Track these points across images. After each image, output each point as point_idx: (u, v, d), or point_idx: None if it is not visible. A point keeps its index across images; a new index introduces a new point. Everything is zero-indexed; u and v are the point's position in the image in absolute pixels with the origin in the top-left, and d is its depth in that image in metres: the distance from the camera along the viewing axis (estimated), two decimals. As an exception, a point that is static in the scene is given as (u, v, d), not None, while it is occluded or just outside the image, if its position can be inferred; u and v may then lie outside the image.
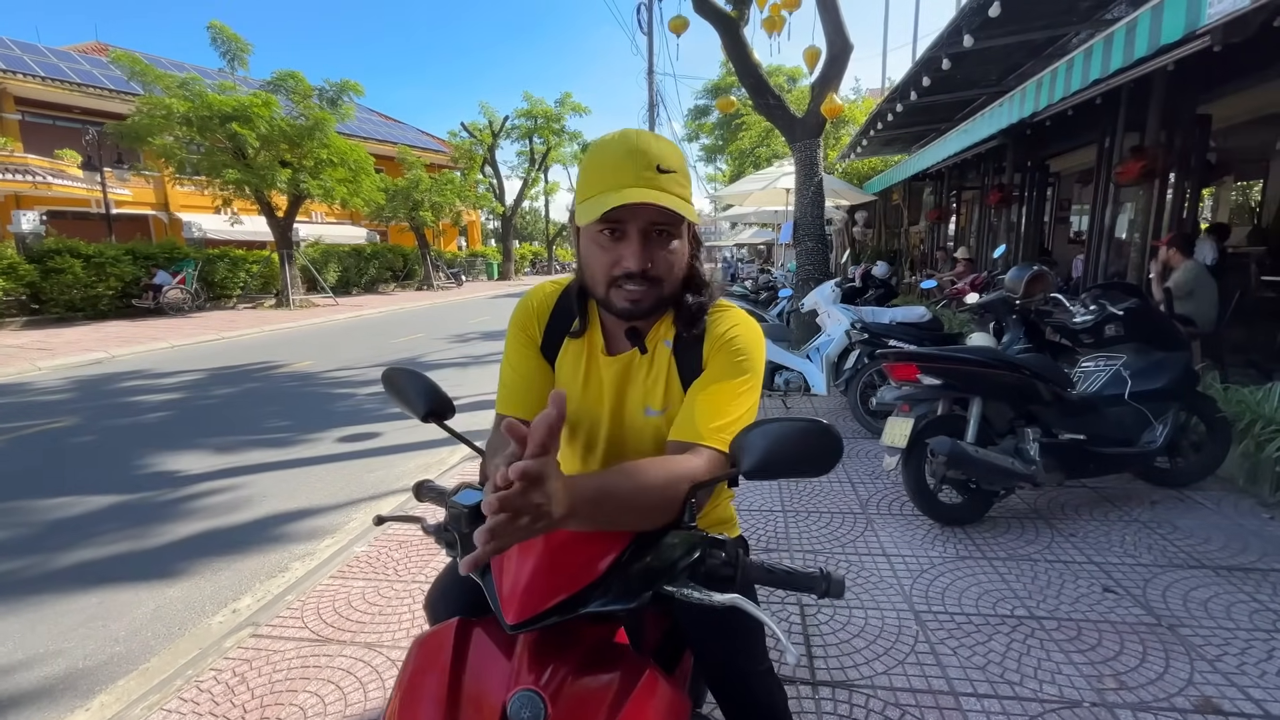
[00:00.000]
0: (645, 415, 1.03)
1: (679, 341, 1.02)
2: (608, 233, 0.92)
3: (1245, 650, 2.04)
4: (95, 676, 2.14)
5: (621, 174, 0.88)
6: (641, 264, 0.91)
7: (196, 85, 13.25)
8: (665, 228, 0.92)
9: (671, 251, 0.94)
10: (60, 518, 3.45)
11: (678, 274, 0.97)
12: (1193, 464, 3.37)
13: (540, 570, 0.75)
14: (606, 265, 0.93)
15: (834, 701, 1.86)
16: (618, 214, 0.88)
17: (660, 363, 1.03)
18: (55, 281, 12.27)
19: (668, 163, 0.90)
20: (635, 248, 0.91)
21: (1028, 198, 9.03)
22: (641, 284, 0.92)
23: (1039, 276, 3.73)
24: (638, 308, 0.94)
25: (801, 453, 0.78)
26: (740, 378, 0.98)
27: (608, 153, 0.90)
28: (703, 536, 0.83)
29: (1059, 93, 4.17)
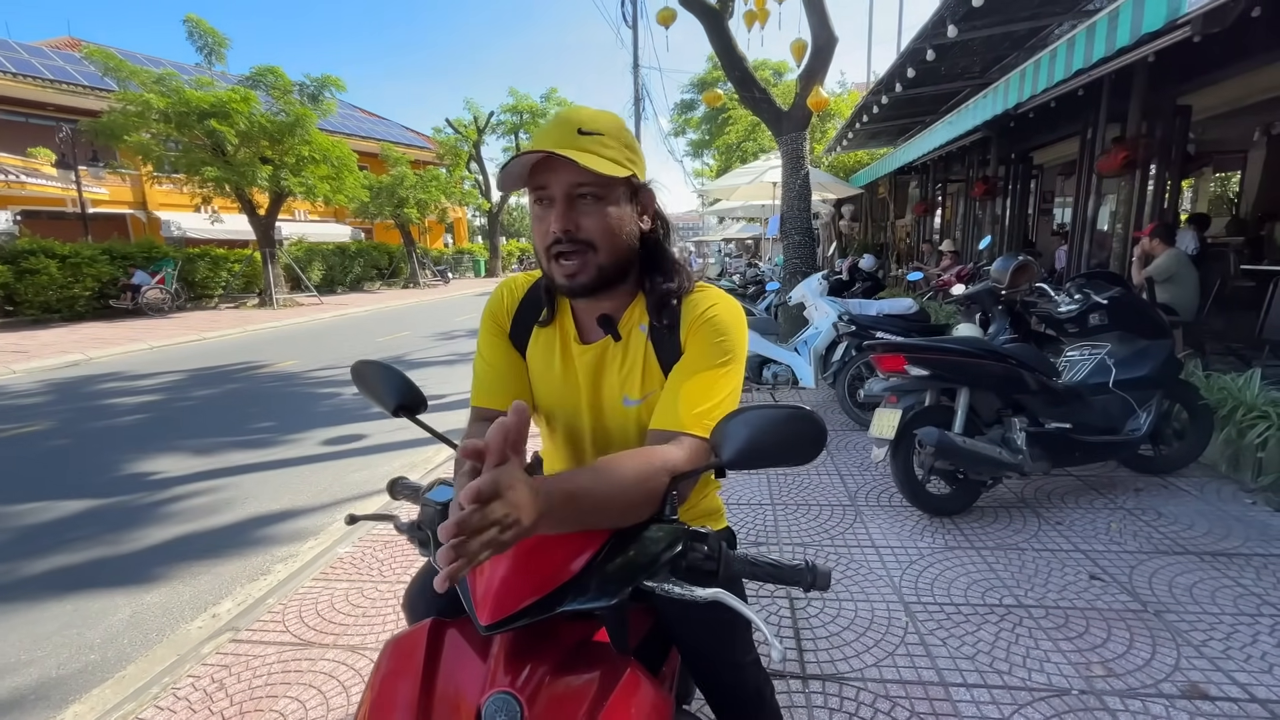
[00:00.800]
0: (624, 405, 1.00)
1: (654, 328, 0.99)
2: (540, 203, 0.91)
3: (1230, 635, 2.05)
4: (69, 686, 2.08)
5: (544, 136, 0.88)
6: (564, 225, 0.88)
7: (173, 81, 12.98)
8: (590, 190, 0.89)
9: (603, 215, 0.90)
10: (34, 523, 3.36)
11: (616, 241, 0.92)
12: (1176, 451, 3.40)
13: (515, 569, 0.72)
14: (542, 235, 0.92)
15: (824, 695, 1.84)
16: (542, 180, 0.88)
17: (636, 349, 1.00)
18: (30, 283, 12.00)
19: (591, 126, 0.88)
20: (559, 210, 0.89)
21: (1011, 190, 9.11)
22: (570, 249, 0.89)
23: (1024, 267, 3.75)
24: (575, 281, 0.91)
25: (784, 441, 0.76)
26: (720, 359, 0.94)
27: (542, 126, 0.92)
28: (684, 530, 0.81)
29: (1042, 83, 4.19)
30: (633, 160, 0.93)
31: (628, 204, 0.94)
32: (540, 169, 0.88)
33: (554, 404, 1.05)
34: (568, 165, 0.85)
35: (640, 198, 0.97)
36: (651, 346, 0.99)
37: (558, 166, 0.87)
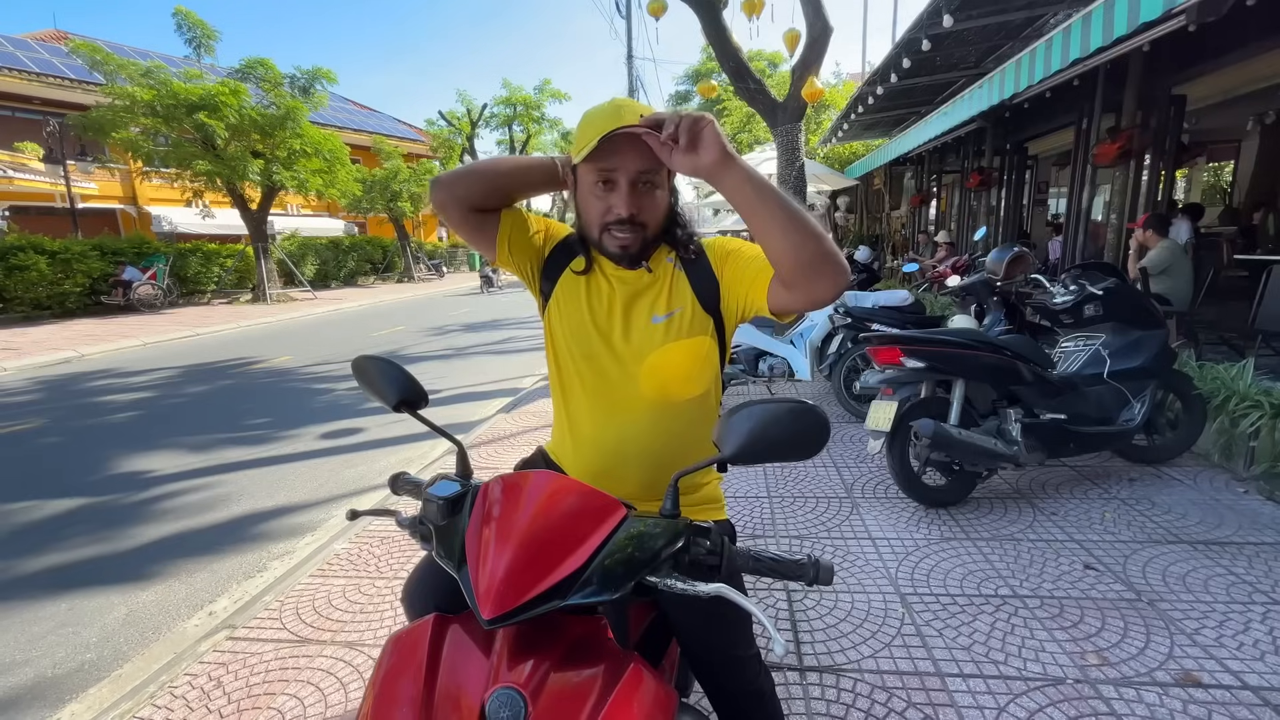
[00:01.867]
0: (651, 323, 1.10)
1: (684, 260, 1.14)
2: (601, 184, 1.03)
3: (1223, 623, 2.07)
4: (65, 685, 2.07)
5: (615, 119, 0.96)
6: (630, 209, 1.02)
7: (161, 74, 12.82)
8: (650, 177, 1.03)
9: (655, 201, 1.05)
10: (27, 522, 3.34)
11: (660, 220, 1.08)
12: (1170, 441, 3.42)
13: (518, 563, 0.72)
14: (600, 212, 1.04)
15: (821, 687, 1.85)
16: (608, 164, 1.00)
17: (664, 277, 1.13)
18: (19, 279, 11.88)
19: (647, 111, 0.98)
20: (624, 195, 1.02)
21: (1007, 181, 9.10)
22: (629, 229, 1.03)
23: (1020, 258, 3.75)
24: (626, 252, 1.06)
25: (788, 435, 0.76)
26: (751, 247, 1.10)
27: (600, 109, 1.01)
28: (686, 524, 0.81)
29: (1038, 73, 4.17)
30: None
31: (667, 186, 1.09)
32: (607, 153, 0.97)
33: (580, 327, 1.13)
34: (635, 152, 0.98)
35: (673, 179, 1.12)
36: (681, 273, 1.13)
37: (626, 151, 0.98)
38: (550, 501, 0.80)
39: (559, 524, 0.77)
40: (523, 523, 0.76)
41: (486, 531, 0.77)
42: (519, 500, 0.80)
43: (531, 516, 0.77)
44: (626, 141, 0.96)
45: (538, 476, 0.84)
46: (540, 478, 0.84)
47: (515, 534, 0.75)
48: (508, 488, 0.82)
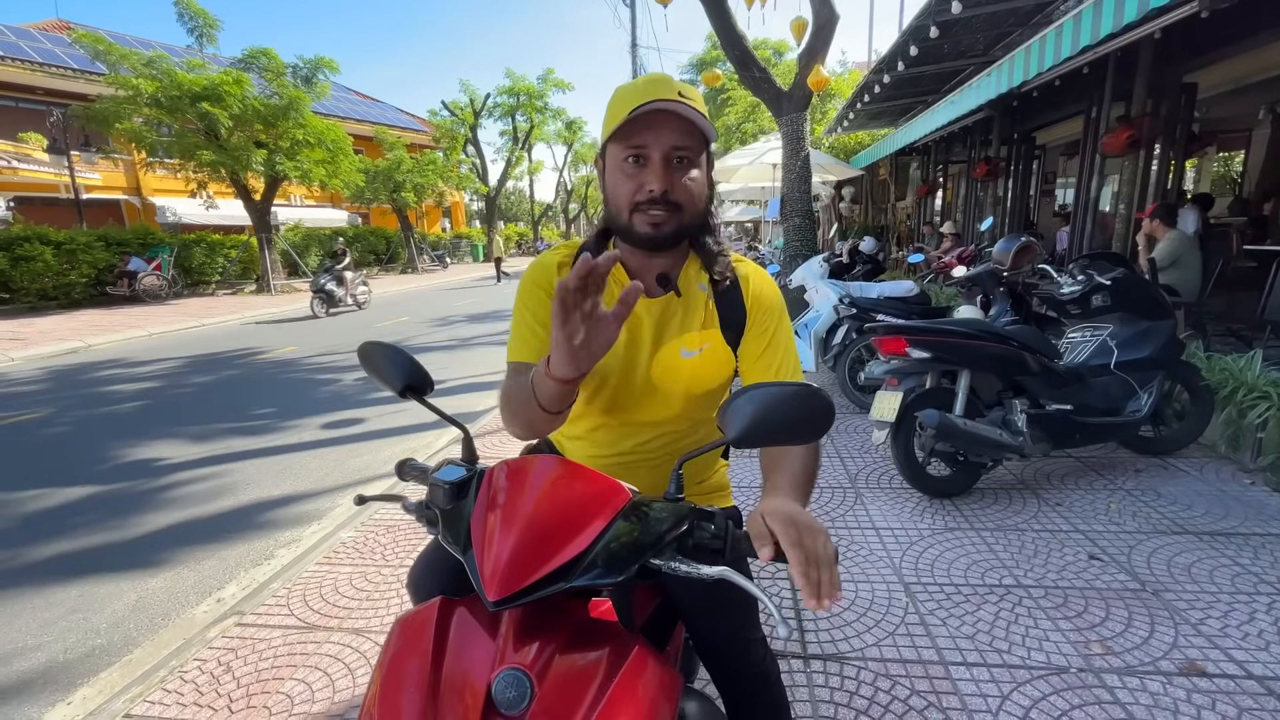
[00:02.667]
0: (682, 357, 1.04)
1: (715, 284, 1.07)
2: (632, 160, 0.95)
3: (1228, 613, 2.07)
4: (76, 670, 2.10)
5: (649, 92, 0.91)
6: (664, 185, 0.93)
7: (164, 64, 12.78)
8: (686, 154, 0.95)
9: (692, 179, 0.97)
10: (36, 510, 3.37)
11: (698, 204, 0.99)
12: (1176, 432, 3.41)
13: (523, 546, 0.72)
14: (631, 191, 0.96)
15: (825, 674, 1.86)
16: (641, 139, 0.93)
17: (696, 305, 1.06)
18: (25, 269, 11.92)
19: (689, 92, 0.94)
20: (658, 170, 0.94)
21: (1014, 171, 9.02)
22: (663, 209, 0.95)
23: (1027, 247, 3.72)
24: (659, 232, 0.96)
25: (792, 418, 0.75)
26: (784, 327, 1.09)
27: (633, 84, 0.96)
28: (690, 508, 0.81)
29: (1048, 61, 4.12)
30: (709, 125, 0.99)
31: (705, 171, 1.01)
32: (639, 127, 0.92)
33: (608, 360, 1.03)
34: (669, 126, 0.92)
35: (709, 164, 1.03)
36: (714, 306, 1.06)
37: (659, 126, 0.92)
38: (555, 485, 0.80)
39: (563, 507, 0.77)
40: (527, 506, 0.77)
41: (491, 515, 0.77)
42: (524, 484, 0.80)
43: (536, 500, 0.78)
44: (661, 116, 0.91)
45: (542, 461, 0.84)
46: (545, 462, 0.84)
47: (520, 517, 0.75)
48: (513, 472, 0.83)
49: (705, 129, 0.95)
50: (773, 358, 1.05)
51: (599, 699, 0.69)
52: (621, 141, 0.95)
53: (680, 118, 0.92)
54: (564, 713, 0.67)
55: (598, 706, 0.68)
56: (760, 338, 1.06)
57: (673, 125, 0.92)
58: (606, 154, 0.99)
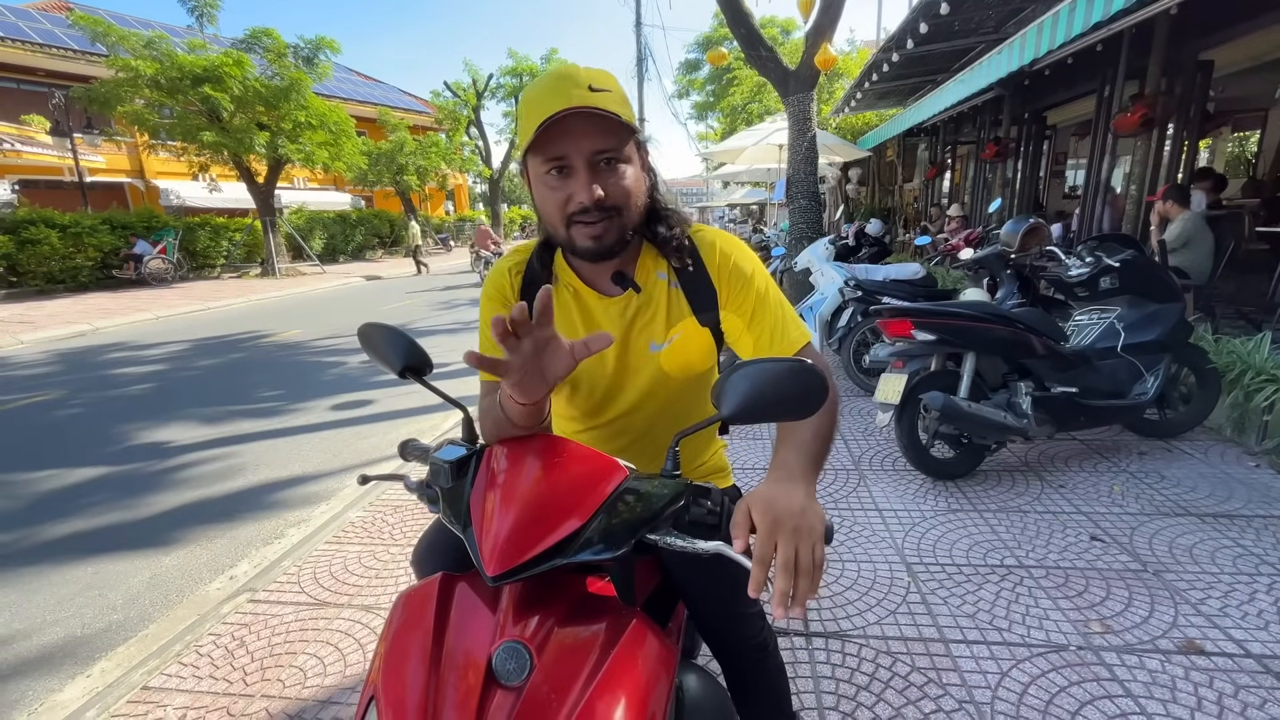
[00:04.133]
0: (650, 351, 1.01)
1: (680, 273, 1.01)
2: (554, 172, 0.88)
3: (1228, 593, 2.08)
4: (94, 644, 2.15)
5: (555, 97, 0.84)
6: (592, 195, 0.87)
7: (164, 44, 12.69)
8: (610, 154, 0.88)
9: (623, 177, 0.90)
10: (50, 489, 3.43)
11: (636, 201, 0.93)
12: (1182, 415, 3.40)
13: (521, 522, 0.73)
14: (559, 204, 0.89)
15: (827, 651, 1.89)
16: (559, 149, 0.86)
17: (659, 298, 1.02)
18: (32, 253, 11.97)
19: (600, 83, 0.86)
20: (583, 178, 0.87)
21: (1024, 152, 8.90)
22: (599, 216, 0.88)
23: (1035, 229, 3.69)
24: (601, 244, 0.91)
25: (785, 394, 0.76)
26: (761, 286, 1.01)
27: (538, 86, 0.88)
28: (687, 484, 0.82)
29: (1060, 37, 4.04)
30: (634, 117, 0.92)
31: (638, 162, 0.94)
32: (554, 136, 0.84)
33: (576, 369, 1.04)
34: (587, 131, 0.84)
35: (644, 155, 0.96)
36: (679, 291, 1.02)
37: (575, 133, 0.84)
38: (553, 463, 0.82)
39: (561, 484, 0.79)
40: (526, 484, 0.78)
41: (491, 493, 0.79)
42: (523, 462, 0.82)
43: (535, 478, 0.79)
44: (575, 120, 0.83)
45: (541, 439, 0.86)
46: (543, 440, 0.85)
47: (519, 494, 0.76)
48: (512, 451, 0.84)
49: (627, 121, 0.87)
50: (763, 321, 1.00)
51: (597, 670, 0.71)
52: (539, 154, 0.87)
53: (596, 116, 0.84)
54: (563, 683, 0.69)
55: (596, 677, 0.70)
56: (742, 307, 1.00)
57: (590, 128, 0.85)
58: (528, 165, 0.91)
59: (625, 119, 0.86)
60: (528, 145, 0.87)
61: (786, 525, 0.69)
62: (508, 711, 0.66)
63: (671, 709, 0.77)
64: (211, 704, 1.78)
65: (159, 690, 1.85)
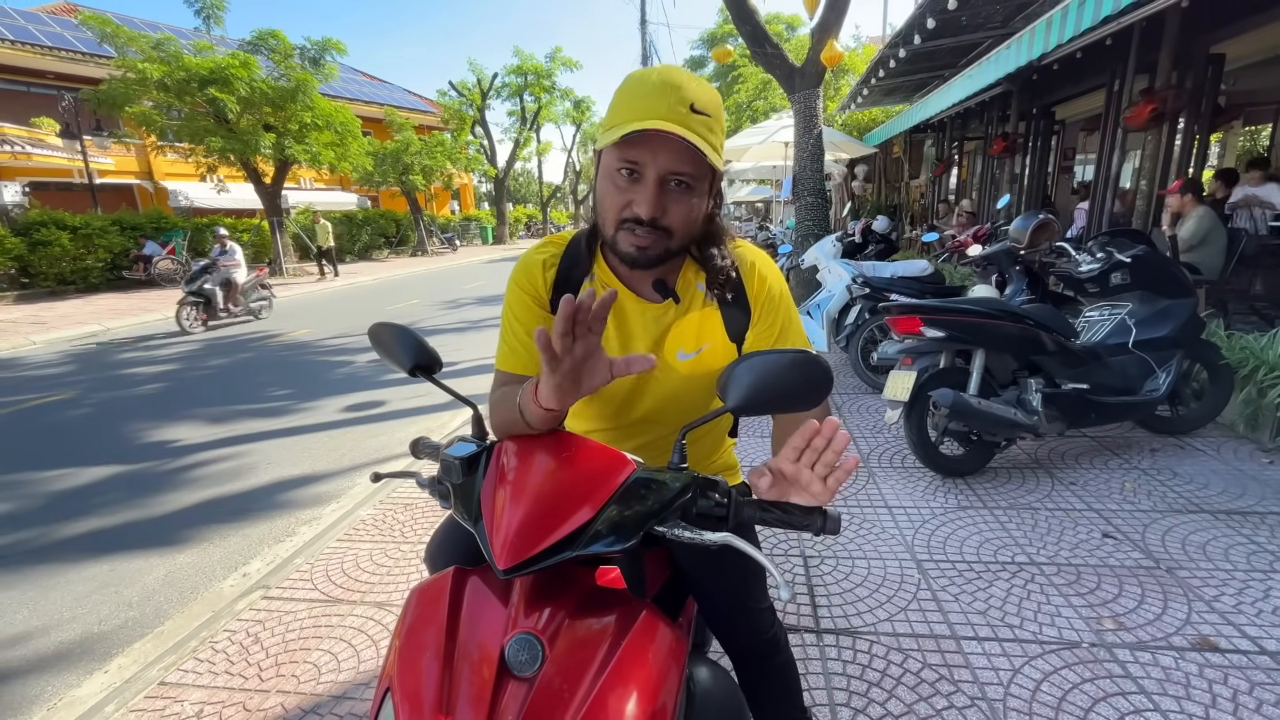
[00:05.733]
0: (677, 359, 1.01)
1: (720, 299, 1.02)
2: (625, 173, 0.87)
3: (1242, 590, 2.07)
4: (111, 640, 2.18)
5: (653, 103, 0.83)
6: (652, 212, 0.86)
7: (172, 46, 12.75)
8: (685, 179, 0.86)
9: (689, 206, 0.89)
10: (64, 489, 3.47)
11: (690, 230, 0.92)
12: (1194, 411, 3.37)
13: (531, 516, 0.75)
14: (618, 206, 0.89)
15: (838, 648, 1.89)
16: (638, 155, 0.85)
17: (695, 309, 1.02)
18: (43, 254, 12.08)
19: (704, 105, 0.85)
20: (650, 193, 0.86)
21: (1032, 147, 8.83)
22: (650, 233, 0.88)
23: (1045, 225, 3.67)
24: (643, 255, 0.90)
25: (789, 385, 0.76)
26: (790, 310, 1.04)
27: (643, 83, 0.86)
28: (694, 476, 0.83)
29: (1069, 32, 4.01)
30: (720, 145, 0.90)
31: (708, 192, 0.93)
32: (635, 140, 0.83)
33: None
34: (668, 148, 0.83)
35: (715, 184, 0.95)
36: (715, 309, 1.02)
37: (657, 146, 0.83)
38: (562, 458, 0.83)
39: (570, 478, 0.80)
40: (536, 478, 0.79)
41: (501, 488, 0.80)
42: (532, 457, 0.83)
43: (544, 472, 0.80)
44: (664, 134, 0.82)
45: (550, 436, 0.87)
46: (553, 437, 0.87)
47: (529, 489, 0.77)
48: (521, 447, 0.85)
49: (711, 161, 0.85)
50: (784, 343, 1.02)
51: (608, 660, 0.71)
52: (617, 150, 0.86)
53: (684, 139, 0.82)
54: (574, 674, 0.70)
55: (607, 667, 0.70)
56: (768, 332, 1.02)
57: (675, 147, 0.83)
58: (603, 154, 0.90)
59: (710, 159, 0.85)
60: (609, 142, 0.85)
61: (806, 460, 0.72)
62: (520, 702, 0.67)
63: (682, 699, 0.78)
64: (228, 699, 1.80)
65: (176, 686, 1.87)
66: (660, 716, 0.70)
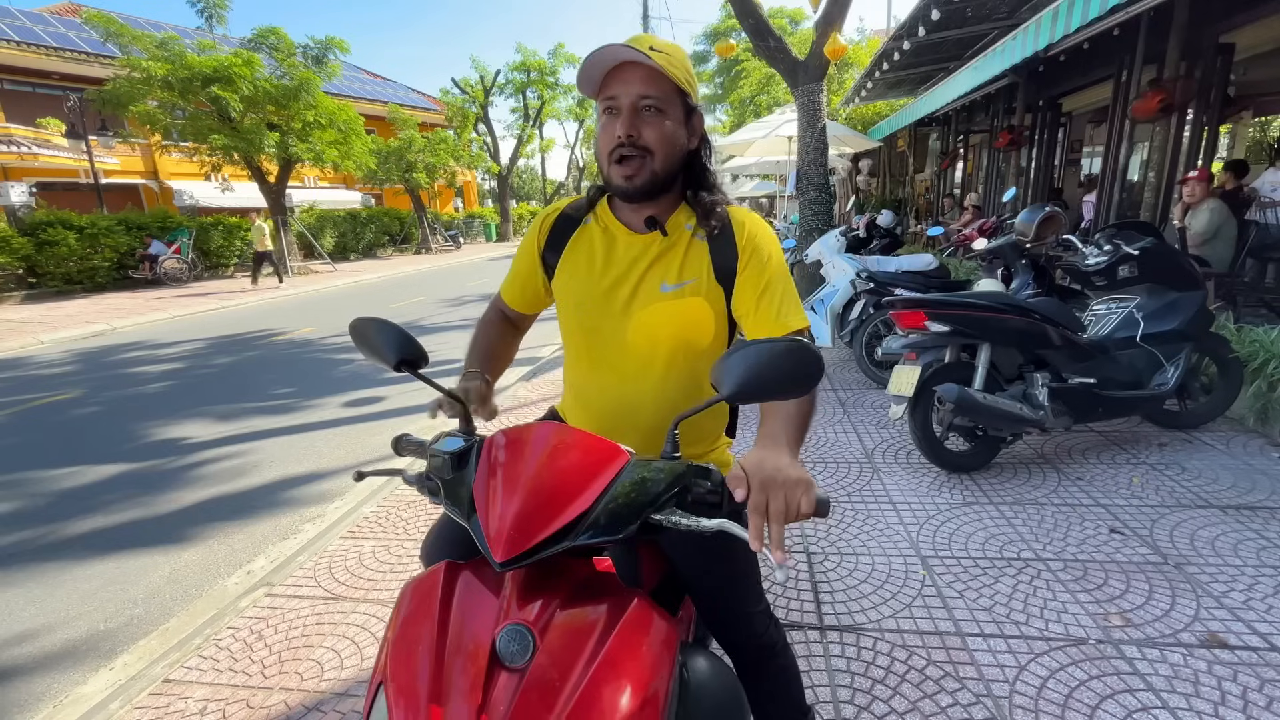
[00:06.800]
0: (661, 290, 1.08)
1: (709, 235, 1.09)
2: (607, 112, 1.01)
3: (1252, 586, 2.05)
4: (117, 638, 2.19)
5: (617, 47, 0.96)
6: (629, 130, 0.98)
7: (175, 45, 12.77)
8: (653, 102, 0.99)
9: (661, 128, 1.00)
10: (71, 487, 3.49)
11: (670, 151, 1.02)
12: (1203, 406, 3.34)
13: (526, 508, 0.74)
14: (606, 144, 1.02)
15: (842, 645, 1.88)
16: (612, 90, 0.99)
17: (680, 244, 1.09)
18: (50, 254, 12.14)
19: (661, 45, 0.99)
20: (626, 118, 0.98)
21: (1038, 140, 8.75)
22: (633, 155, 0.99)
23: (1051, 217, 3.63)
24: (631, 183, 1.01)
25: (782, 373, 0.76)
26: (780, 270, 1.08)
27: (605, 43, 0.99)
28: (687, 465, 0.83)
29: (1075, 22, 3.96)
30: (690, 84, 1.03)
31: (682, 122, 1.04)
32: (611, 80, 0.98)
33: (588, 295, 1.11)
34: (636, 77, 0.97)
35: (693, 120, 1.07)
36: (703, 244, 1.09)
37: (628, 78, 0.98)
38: (555, 449, 0.82)
39: (564, 470, 0.80)
40: (529, 470, 0.79)
41: (494, 481, 0.80)
42: (524, 450, 0.83)
43: (537, 464, 0.80)
44: (629, 68, 0.97)
45: (541, 427, 0.86)
46: (544, 428, 0.86)
47: (522, 481, 0.77)
48: (512, 440, 0.85)
49: (679, 81, 0.99)
50: (771, 298, 1.05)
51: (599, 650, 0.71)
52: (600, 96, 1.01)
53: (647, 68, 0.96)
54: (565, 663, 0.70)
55: (597, 657, 0.70)
56: (756, 277, 1.06)
57: (640, 74, 0.97)
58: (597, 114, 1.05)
59: (673, 76, 0.98)
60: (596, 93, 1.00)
61: (777, 481, 0.74)
62: (512, 693, 0.68)
63: (675, 688, 0.77)
64: (231, 696, 1.81)
65: (180, 683, 1.88)
66: (651, 705, 0.70)
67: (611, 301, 1.09)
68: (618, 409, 1.13)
